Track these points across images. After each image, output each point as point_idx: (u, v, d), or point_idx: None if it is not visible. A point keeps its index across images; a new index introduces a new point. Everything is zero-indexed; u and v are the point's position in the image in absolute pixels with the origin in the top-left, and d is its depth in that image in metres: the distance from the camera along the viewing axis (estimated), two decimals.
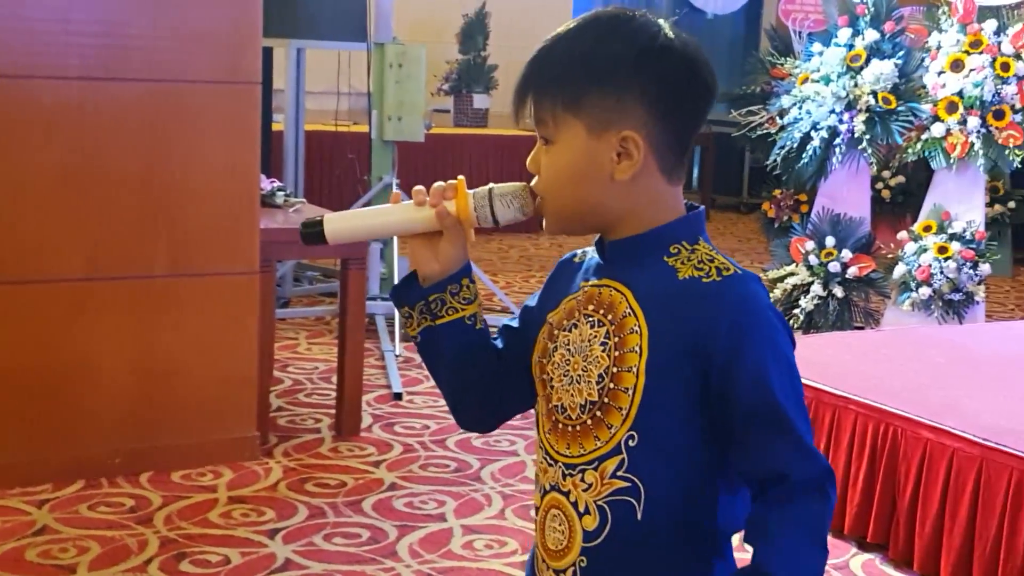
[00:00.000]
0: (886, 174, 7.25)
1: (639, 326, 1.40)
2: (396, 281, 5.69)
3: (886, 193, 7.34)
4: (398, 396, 4.87)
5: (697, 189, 11.06)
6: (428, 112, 8.84)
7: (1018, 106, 5.24)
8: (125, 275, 3.80)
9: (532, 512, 1.55)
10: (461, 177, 1.54)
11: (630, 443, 1.40)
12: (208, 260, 3.90)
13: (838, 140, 5.37)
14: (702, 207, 1.49)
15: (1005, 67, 5.22)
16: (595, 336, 1.44)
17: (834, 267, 5.38)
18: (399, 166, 5.95)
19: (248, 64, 3.89)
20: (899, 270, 5.37)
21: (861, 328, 5.35)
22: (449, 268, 1.52)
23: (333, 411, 4.48)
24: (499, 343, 1.59)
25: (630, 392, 1.39)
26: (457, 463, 4.10)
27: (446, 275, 1.52)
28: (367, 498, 3.75)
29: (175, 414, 3.91)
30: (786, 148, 5.51)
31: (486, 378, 1.56)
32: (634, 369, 1.39)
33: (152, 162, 3.80)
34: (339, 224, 1.54)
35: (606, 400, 1.41)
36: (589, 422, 1.42)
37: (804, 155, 5.48)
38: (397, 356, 5.35)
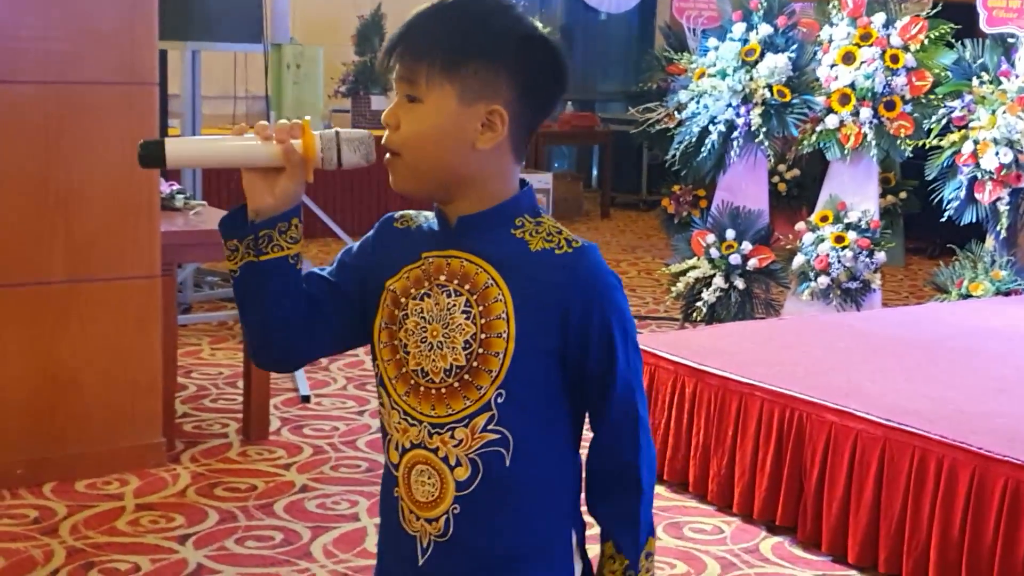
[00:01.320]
0: (782, 168, 7.39)
1: (503, 295, 1.51)
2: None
3: (782, 187, 7.48)
4: (306, 399, 4.83)
5: (597, 188, 11.14)
6: (327, 113, 8.79)
7: (908, 97, 5.38)
8: (22, 282, 3.70)
9: (386, 470, 1.60)
10: (307, 117, 1.58)
11: (499, 400, 1.50)
12: (108, 265, 3.82)
13: (735, 134, 5.47)
14: (529, 183, 1.58)
15: (894, 59, 5.36)
16: (454, 305, 1.52)
17: (735, 259, 5.47)
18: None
19: (144, 65, 3.82)
20: (798, 260, 5.48)
21: (763, 319, 5.44)
22: (282, 205, 1.54)
23: (240, 416, 4.42)
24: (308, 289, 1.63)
25: (500, 356, 1.50)
26: (368, 463, 4.08)
27: (279, 212, 1.54)
28: (278, 500, 3.71)
29: (78, 422, 3.82)
30: (684, 143, 5.58)
31: (295, 320, 1.59)
32: (504, 335, 1.50)
33: (48, 165, 3.71)
34: (181, 146, 1.53)
35: (475, 364, 1.50)
36: (456, 384, 1.51)
37: (702, 149, 5.56)
38: None
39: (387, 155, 1.54)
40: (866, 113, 5.37)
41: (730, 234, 5.50)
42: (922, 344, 4.04)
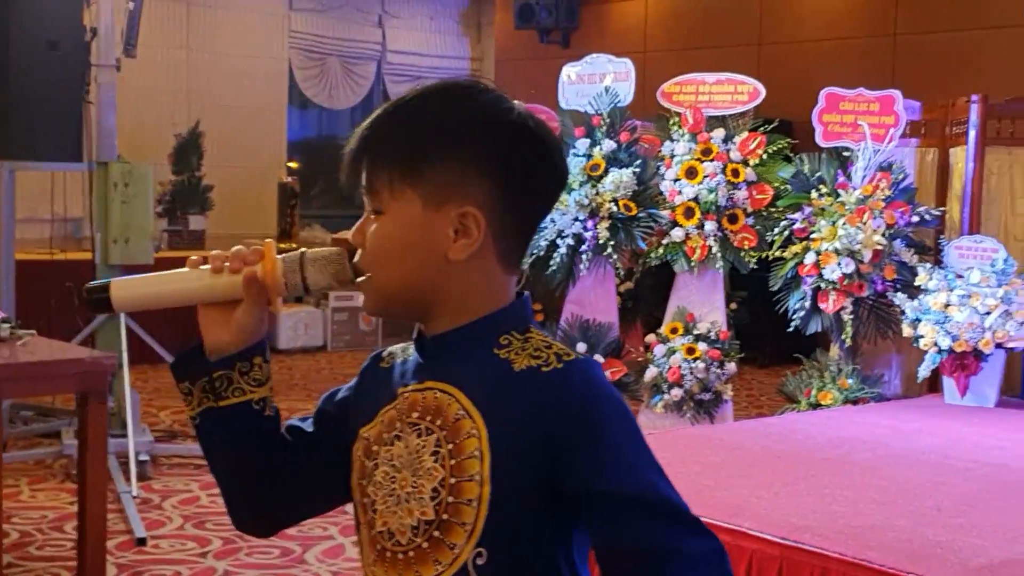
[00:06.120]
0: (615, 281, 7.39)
1: (476, 428, 1.27)
2: (127, 415, 5.27)
3: (617, 299, 7.47)
4: (141, 541, 4.47)
5: None
6: (159, 234, 8.42)
7: (750, 210, 5.44)
8: None
9: None
10: (269, 240, 1.40)
11: (478, 561, 1.25)
12: None
13: (584, 247, 5.41)
14: (527, 293, 1.37)
15: (735, 173, 5.42)
16: (423, 446, 1.29)
17: None
18: None
19: None
20: (650, 373, 5.42)
21: None
22: (242, 341, 1.35)
23: (73, 563, 4.03)
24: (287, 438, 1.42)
25: (474, 504, 1.25)
26: None
27: (237, 349, 1.35)
28: None
29: None
30: (533, 256, 5.49)
31: (270, 473, 1.38)
32: (476, 477, 1.25)
33: None
34: (128, 290, 1.36)
35: (445, 517, 1.26)
36: (425, 545, 1.27)
37: (551, 263, 5.48)
38: (135, 497, 4.92)
39: (358, 278, 1.34)
40: (710, 226, 5.40)
41: (581, 347, 5.41)
42: (795, 456, 3.99)
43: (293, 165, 10.73)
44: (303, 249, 1.38)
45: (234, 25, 10.31)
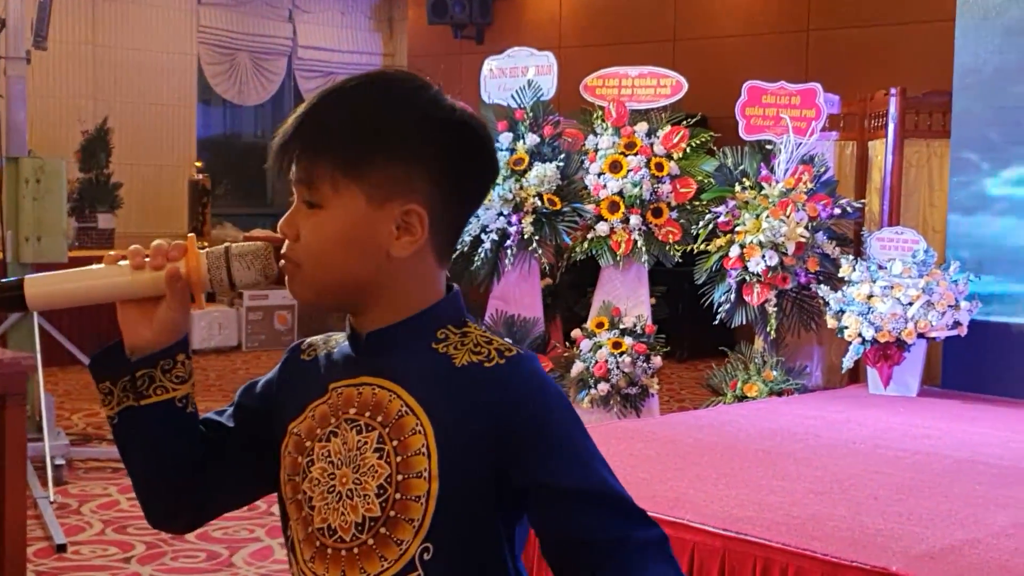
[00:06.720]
0: None
1: (421, 425, 1.27)
2: (42, 417, 5.11)
3: None
4: (61, 548, 4.33)
5: None
6: (72, 230, 8.20)
7: (674, 203, 5.45)
8: None
9: None
10: (191, 235, 1.36)
11: (425, 556, 1.25)
12: None
13: (508, 242, 5.38)
14: (456, 286, 1.38)
15: (659, 167, 5.42)
16: (365, 443, 1.28)
17: None
18: None
19: None
20: (576, 368, 5.41)
21: None
22: (164, 339, 1.32)
23: None
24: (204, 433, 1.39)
25: (422, 500, 1.25)
26: None
27: (159, 347, 1.32)
28: None
29: None
30: (457, 251, 5.44)
31: (188, 469, 1.36)
32: (424, 473, 1.25)
33: None
34: (43, 288, 1.30)
35: (392, 514, 1.26)
36: (371, 542, 1.26)
37: (475, 258, 5.44)
38: (52, 503, 4.77)
39: (282, 262, 1.31)
40: (635, 220, 5.39)
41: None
42: (727, 448, 4.00)
43: (198, 164, 10.55)
44: (227, 243, 1.34)
45: (141, 19, 10.09)
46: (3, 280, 1.31)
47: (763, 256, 5.15)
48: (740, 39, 9.50)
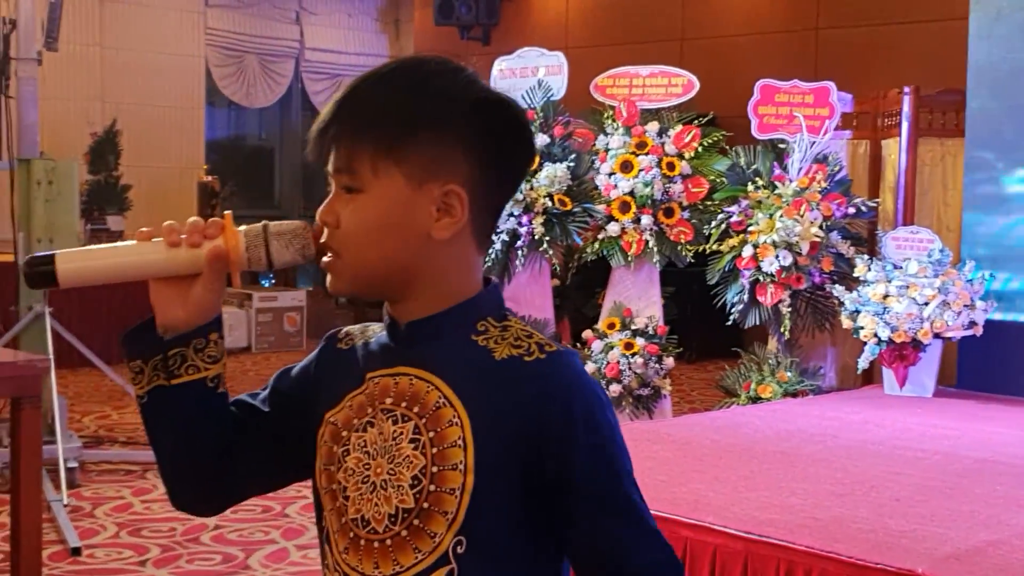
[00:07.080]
0: None
1: (458, 417, 1.25)
2: (54, 420, 5.10)
3: None
4: (76, 551, 4.32)
5: (348, 305, 10.86)
6: (85, 231, 8.20)
7: (685, 203, 5.43)
8: None
9: None
10: (228, 212, 1.34)
11: (458, 550, 1.24)
12: None
13: (519, 243, 5.36)
14: (494, 279, 1.36)
15: (671, 166, 5.40)
16: (401, 433, 1.26)
17: None
18: (52, 293, 5.37)
19: None
20: (588, 369, 5.38)
21: None
22: (197, 318, 1.30)
23: None
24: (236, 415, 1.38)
25: (457, 493, 1.24)
26: None
27: (193, 326, 1.30)
28: None
29: None
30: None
31: (217, 451, 1.34)
32: (460, 466, 1.24)
33: None
34: (75, 263, 1.27)
35: (426, 505, 1.24)
36: (404, 533, 1.25)
37: (487, 260, 5.42)
38: (66, 506, 4.76)
39: (323, 257, 1.29)
40: (647, 220, 5.37)
41: None
42: (745, 450, 3.97)
43: (204, 167, 10.55)
44: (264, 222, 1.32)
45: (149, 22, 10.09)
46: (35, 255, 1.28)
47: (777, 256, 5.13)
48: (748, 38, 9.48)
